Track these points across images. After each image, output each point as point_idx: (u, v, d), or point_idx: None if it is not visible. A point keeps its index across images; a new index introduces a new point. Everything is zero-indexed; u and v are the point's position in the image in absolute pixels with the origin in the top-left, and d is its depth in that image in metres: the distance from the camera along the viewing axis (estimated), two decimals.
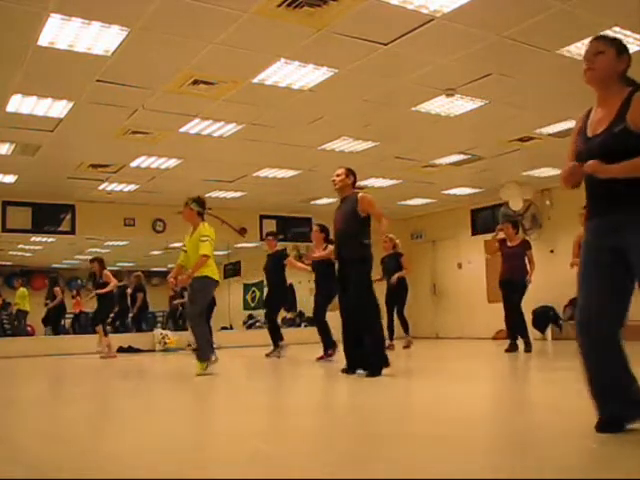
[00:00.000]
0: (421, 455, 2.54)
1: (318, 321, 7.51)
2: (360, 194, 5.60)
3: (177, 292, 15.25)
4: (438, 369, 6.61)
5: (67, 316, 16.25)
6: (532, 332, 8.24)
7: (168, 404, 4.44)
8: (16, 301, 14.78)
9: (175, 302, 15.02)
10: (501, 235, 8.46)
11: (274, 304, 8.55)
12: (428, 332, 13.28)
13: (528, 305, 8.70)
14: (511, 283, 8.06)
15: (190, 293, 6.34)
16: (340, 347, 7.12)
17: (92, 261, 9.80)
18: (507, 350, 7.98)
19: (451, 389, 4.74)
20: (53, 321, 14.26)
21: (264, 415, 3.76)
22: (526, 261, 8.13)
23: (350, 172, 5.71)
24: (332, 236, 5.94)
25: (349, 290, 5.46)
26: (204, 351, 6.04)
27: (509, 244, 8.29)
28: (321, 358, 7.42)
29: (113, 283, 9.52)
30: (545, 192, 11.51)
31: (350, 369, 5.55)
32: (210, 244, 6.08)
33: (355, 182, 5.78)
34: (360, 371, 5.45)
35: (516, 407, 3.94)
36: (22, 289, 14.95)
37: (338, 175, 5.68)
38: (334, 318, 7.37)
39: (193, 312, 6.13)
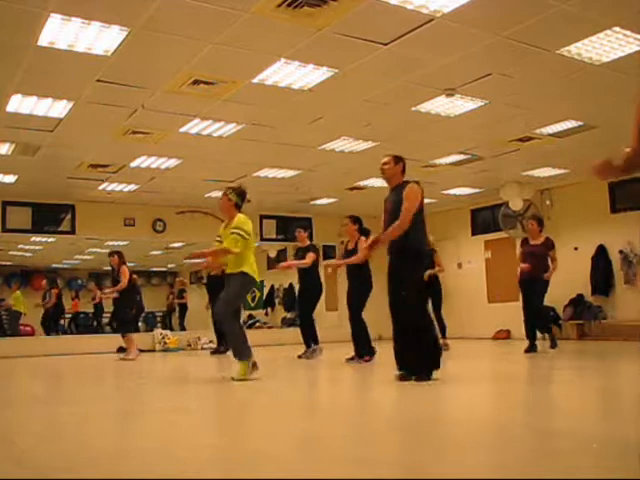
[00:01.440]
0: (421, 455, 2.54)
1: (355, 323, 6.95)
2: (411, 183, 5.07)
3: (175, 293, 15.30)
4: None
5: (65, 316, 16.32)
6: None
7: (168, 404, 4.44)
8: (12, 302, 14.82)
9: (169, 302, 15.04)
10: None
11: (307, 303, 7.94)
12: None
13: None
14: (530, 282, 7.74)
15: (224, 291, 5.56)
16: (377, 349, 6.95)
17: (111, 254, 9.06)
18: (526, 350, 7.72)
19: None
20: (51, 322, 14.32)
21: (269, 417, 3.76)
22: (549, 261, 7.82)
23: (398, 159, 5.19)
24: (381, 228, 5.24)
25: (397, 285, 4.99)
26: (241, 351, 5.39)
27: (531, 242, 7.99)
28: (365, 360, 6.92)
29: (122, 283, 8.80)
30: (545, 192, 11.50)
31: (404, 375, 4.95)
32: (236, 239, 5.33)
33: (404, 168, 5.21)
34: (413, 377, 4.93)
35: (523, 408, 3.94)
36: (17, 292, 14.99)
37: (385, 163, 5.17)
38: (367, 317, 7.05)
39: (224, 312, 5.44)
